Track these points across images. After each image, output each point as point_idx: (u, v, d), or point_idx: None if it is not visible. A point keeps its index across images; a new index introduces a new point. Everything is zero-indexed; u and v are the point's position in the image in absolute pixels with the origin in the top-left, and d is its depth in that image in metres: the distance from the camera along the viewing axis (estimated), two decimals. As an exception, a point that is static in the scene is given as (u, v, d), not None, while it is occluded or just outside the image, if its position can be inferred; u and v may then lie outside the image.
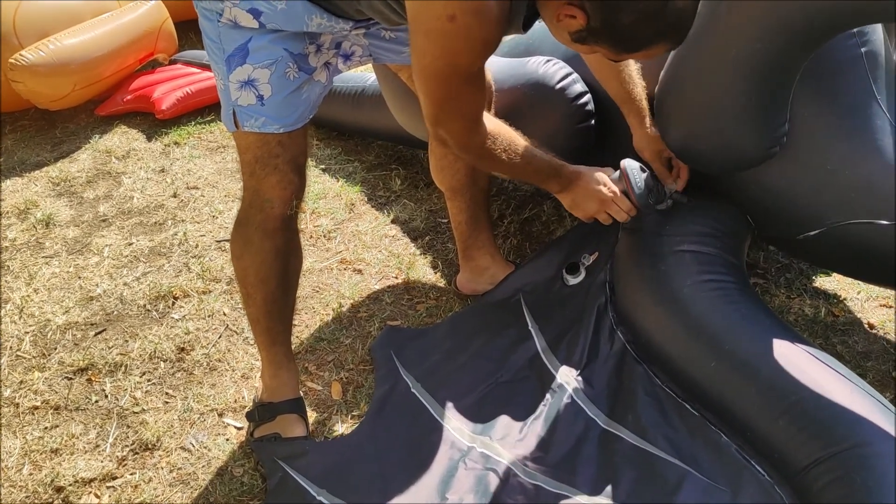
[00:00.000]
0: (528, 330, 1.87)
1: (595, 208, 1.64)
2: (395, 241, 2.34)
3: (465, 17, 1.20)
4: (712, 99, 1.57)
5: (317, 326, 2.02)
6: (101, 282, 2.22)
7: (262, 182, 1.53)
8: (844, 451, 1.30)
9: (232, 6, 1.40)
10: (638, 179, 1.65)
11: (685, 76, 1.61)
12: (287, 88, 1.47)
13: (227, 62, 1.45)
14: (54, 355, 1.95)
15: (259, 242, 1.57)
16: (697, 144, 1.67)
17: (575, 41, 1.26)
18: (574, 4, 1.18)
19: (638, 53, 1.26)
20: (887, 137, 1.54)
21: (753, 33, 1.43)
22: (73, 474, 1.63)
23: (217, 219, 2.49)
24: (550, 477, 1.52)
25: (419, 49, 1.28)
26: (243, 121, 1.49)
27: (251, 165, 1.54)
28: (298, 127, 1.52)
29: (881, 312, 1.98)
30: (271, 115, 1.48)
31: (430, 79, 1.31)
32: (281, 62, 1.45)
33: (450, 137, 1.40)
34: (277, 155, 1.51)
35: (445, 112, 1.36)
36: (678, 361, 1.63)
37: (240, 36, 1.44)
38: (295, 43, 1.46)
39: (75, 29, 3.08)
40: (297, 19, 1.41)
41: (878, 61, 1.56)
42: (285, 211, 1.56)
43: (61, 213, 2.56)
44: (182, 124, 3.11)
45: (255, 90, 1.46)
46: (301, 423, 1.68)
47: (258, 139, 1.50)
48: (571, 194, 1.63)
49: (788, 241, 1.83)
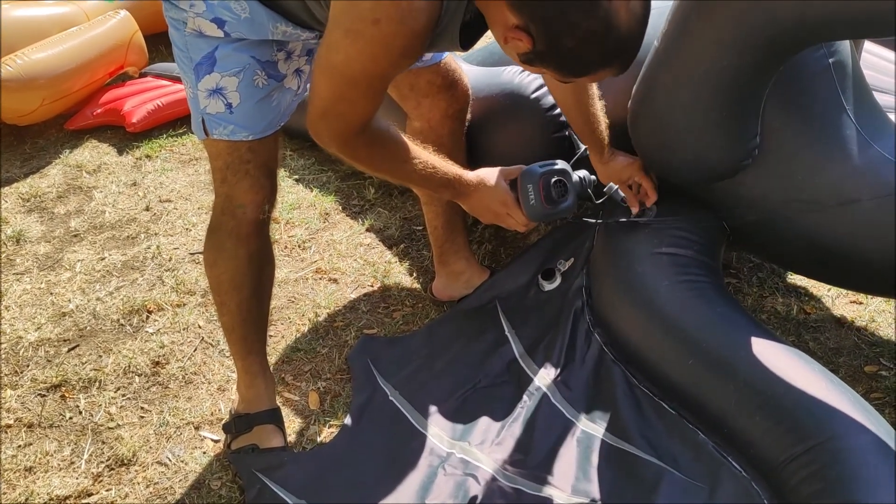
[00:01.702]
0: (506, 335, 1.87)
1: (491, 219, 1.59)
2: (370, 249, 2.34)
3: (389, 23, 1.16)
4: (684, 113, 1.59)
5: (293, 337, 2.01)
6: (74, 297, 2.19)
7: (234, 188, 1.53)
8: (819, 446, 1.32)
9: (195, 16, 1.39)
10: (532, 195, 1.53)
11: (657, 91, 1.62)
12: (256, 96, 1.47)
13: (196, 70, 1.45)
14: (27, 372, 1.93)
15: (232, 248, 1.57)
16: (670, 158, 1.69)
17: (524, 62, 1.25)
18: (520, 28, 1.17)
19: (583, 77, 1.25)
20: (855, 144, 1.56)
21: (722, 49, 1.44)
22: (48, 492, 1.61)
23: (190, 231, 2.47)
24: (530, 480, 1.53)
25: (333, 44, 1.23)
26: (212, 129, 1.49)
27: (222, 172, 1.53)
28: (269, 134, 1.52)
29: (851, 308, 2.00)
30: (240, 123, 1.48)
31: (333, 76, 1.26)
32: (248, 69, 1.44)
33: (329, 137, 1.34)
34: (248, 161, 1.51)
35: (334, 112, 1.31)
36: (655, 361, 1.64)
37: (206, 45, 1.43)
38: (262, 50, 1.45)
39: (43, 43, 3.05)
40: (262, 28, 1.40)
41: (846, 71, 1.59)
42: (258, 216, 1.55)
43: (32, 230, 2.53)
44: (153, 137, 3.09)
45: (223, 98, 1.46)
46: (278, 434, 1.67)
47: (228, 146, 1.50)
48: (467, 203, 1.57)
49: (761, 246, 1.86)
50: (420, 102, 1.81)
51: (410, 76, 1.75)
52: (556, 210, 1.56)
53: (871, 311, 1.99)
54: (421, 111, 1.83)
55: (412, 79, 1.76)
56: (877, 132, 1.57)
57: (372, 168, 1.47)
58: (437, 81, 1.77)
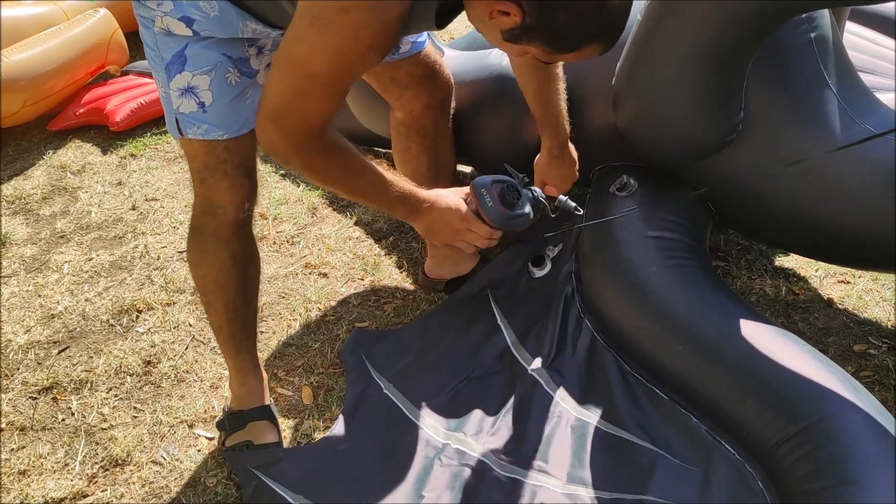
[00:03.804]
0: (498, 324, 1.88)
1: (450, 237, 1.51)
2: (360, 243, 2.34)
3: (359, 12, 1.12)
4: (668, 90, 1.59)
5: (284, 332, 2.00)
6: (62, 299, 2.18)
7: (213, 189, 1.51)
8: (811, 426, 1.33)
9: (163, 15, 1.37)
10: (487, 197, 1.48)
11: (640, 68, 1.62)
12: (229, 94, 1.45)
13: (167, 70, 1.43)
14: (17, 375, 1.92)
15: (215, 250, 1.56)
16: (655, 135, 1.69)
17: (506, 40, 1.21)
18: (510, 0, 1.15)
19: (570, 54, 1.23)
20: (839, 120, 1.57)
21: (705, 23, 1.45)
22: (43, 495, 1.61)
23: (178, 229, 2.46)
24: (525, 468, 1.53)
25: (298, 36, 1.17)
26: (186, 128, 1.46)
27: (201, 173, 1.51)
28: (245, 132, 1.49)
29: (839, 288, 2.02)
30: (214, 122, 1.45)
31: (293, 70, 1.20)
32: (220, 67, 1.42)
33: (281, 141, 1.26)
34: (225, 160, 1.49)
35: (290, 111, 1.23)
36: (646, 347, 1.65)
37: (175, 43, 1.41)
38: (233, 47, 1.43)
39: (23, 44, 3.02)
40: (231, 26, 1.38)
41: (828, 46, 1.59)
42: (238, 215, 1.54)
43: (17, 232, 2.52)
44: (137, 136, 3.07)
45: (195, 97, 1.43)
46: (272, 430, 1.67)
47: (204, 146, 1.48)
48: (423, 222, 1.49)
49: (747, 225, 1.87)
50: (401, 94, 1.80)
51: (390, 68, 1.74)
52: (514, 214, 1.49)
53: (858, 290, 2.00)
54: (403, 102, 1.82)
55: (392, 71, 1.75)
56: (862, 109, 1.58)
57: (325, 179, 1.37)
58: (418, 73, 1.76)
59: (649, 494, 1.45)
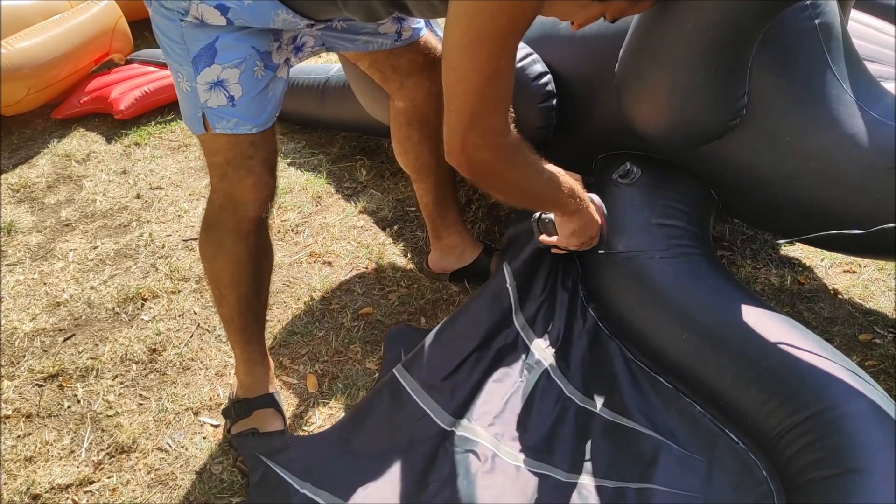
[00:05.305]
0: (510, 299, 1.83)
1: (590, 236, 1.65)
2: (364, 231, 2.34)
3: None
4: (671, 74, 1.58)
5: (289, 321, 2.01)
6: (68, 287, 2.19)
7: (236, 185, 1.50)
8: (816, 415, 1.32)
9: (199, 3, 1.36)
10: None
11: (643, 53, 1.61)
12: (256, 87, 1.44)
13: (194, 63, 1.41)
14: (23, 363, 1.92)
15: (232, 246, 1.55)
16: (658, 120, 1.68)
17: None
18: None
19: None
20: (843, 106, 1.56)
21: (708, 5, 1.44)
22: (49, 481, 1.61)
23: (183, 218, 2.46)
24: (529, 456, 1.54)
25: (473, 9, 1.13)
26: (214, 123, 1.45)
27: (222, 168, 1.50)
28: (269, 126, 1.50)
29: (845, 278, 2.01)
30: (243, 116, 1.45)
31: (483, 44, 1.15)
32: (249, 60, 1.42)
33: (485, 145, 1.23)
34: (251, 156, 1.48)
35: (486, 101, 1.19)
36: (649, 336, 1.65)
37: (205, 35, 1.39)
38: (261, 40, 1.43)
39: (27, 32, 3.02)
40: (264, 15, 1.38)
41: (832, 32, 1.58)
42: (260, 213, 1.53)
43: (23, 220, 2.52)
44: (142, 124, 3.07)
45: (225, 91, 1.42)
46: (278, 417, 1.67)
47: (229, 141, 1.47)
48: (579, 219, 1.57)
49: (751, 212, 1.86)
50: (403, 83, 1.80)
51: (392, 57, 1.73)
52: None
53: (864, 279, 2.00)
54: (405, 91, 1.82)
55: (393, 60, 1.74)
56: (866, 96, 1.57)
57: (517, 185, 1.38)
58: (419, 60, 1.76)
59: (653, 483, 1.45)
